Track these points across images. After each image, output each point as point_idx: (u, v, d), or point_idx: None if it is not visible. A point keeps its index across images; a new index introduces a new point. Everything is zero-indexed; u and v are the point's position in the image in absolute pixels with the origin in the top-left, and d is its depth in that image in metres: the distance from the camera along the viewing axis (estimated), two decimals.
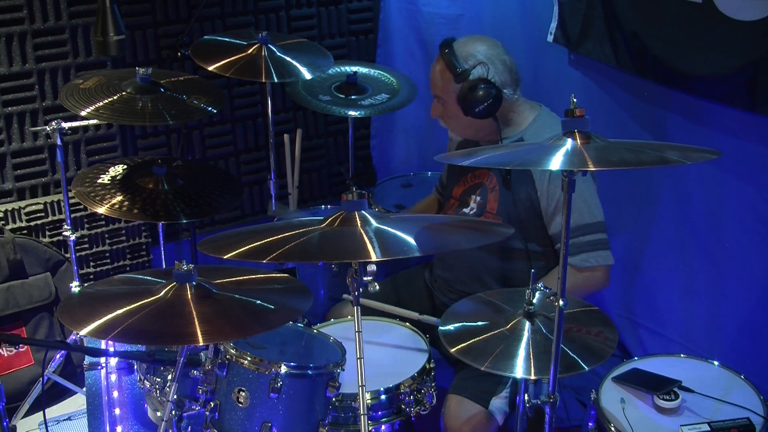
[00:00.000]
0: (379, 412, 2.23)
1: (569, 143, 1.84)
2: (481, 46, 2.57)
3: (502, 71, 2.55)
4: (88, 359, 2.79)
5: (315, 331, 2.38)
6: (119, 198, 2.65)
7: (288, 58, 3.08)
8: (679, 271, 2.99)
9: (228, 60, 3.00)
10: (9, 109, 3.30)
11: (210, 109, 2.76)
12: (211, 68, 2.97)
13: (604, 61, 2.97)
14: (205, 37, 3.25)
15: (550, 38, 3.18)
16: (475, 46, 2.57)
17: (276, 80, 2.99)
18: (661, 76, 2.78)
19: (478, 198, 2.67)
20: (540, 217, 2.54)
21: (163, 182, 2.73)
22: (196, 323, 1.81)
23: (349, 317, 2.59)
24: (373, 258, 1.77)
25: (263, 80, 2.97)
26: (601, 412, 2.17)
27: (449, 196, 2.81)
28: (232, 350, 2.03)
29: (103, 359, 2.75)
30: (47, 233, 3.42)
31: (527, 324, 2.10)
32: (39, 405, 3.08)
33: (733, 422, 2.07)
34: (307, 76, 3.08)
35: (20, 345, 3.22)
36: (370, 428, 2.18)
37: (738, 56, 2.46)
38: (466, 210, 2.70)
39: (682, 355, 2.41)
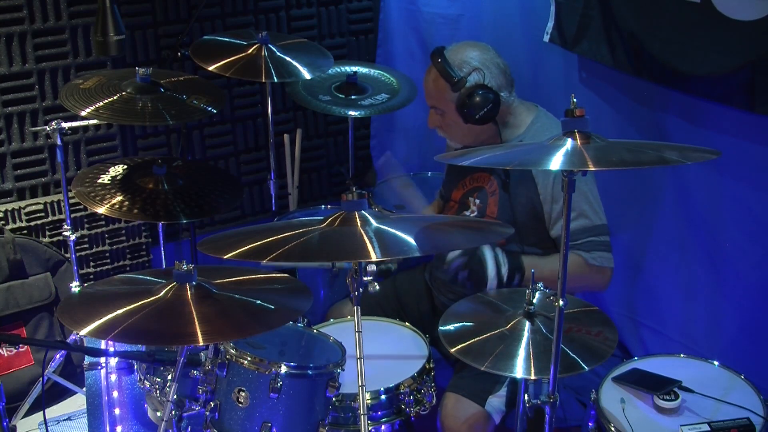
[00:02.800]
0: (379, 412, 2.23)
1: (569, 143, 1.84)
2: (473, 51, 2.56)
3: (497, 75, 2.55)
4: (88, 359, 2.79)
5: (315, 331, 2.38)
6: (119, 198, 2.65)
7: (288, 58, 3.09)
8: (680, 271, 2.99)
9: (228, 60, 3.00)
10: (9, 109, 3.30)
11: (210, 109, 2.76)
12: (211, 68, 2.98)
13: (600, 61, 2.97)
14: (205, 37, 3.25)
15: (546, 38, 3.18)
16: (467, 52, 2.56)
17: (276, 80, 2.99)
18: (659, 76, 2.78)
19: (478, 201, 2.67)
20: (541, 221, 2.54)
21: (163, 182, 2.73)
22: (196, 323, 1.81)
23: (349, 317, 2.59)
24: (373, 258, 1.77)
25: (263, 80, 2.98)
26: (601, 412, 2.17)
27: (448, 198, 2.80)
28: (232, 350, 2.03)
29: (103, 359, 2.75)
30: (47, 233, 3.42)
31: (527, 324, 2.11)
32: (39, 405, 3.08)
33: (733, 422, 2.07)
34: (307, 76, 3.08)
35: (20, 345, 3.23)
36: (370, 428, 2.18)
37: (736, 56, 2.46)
38: (467, 213, 2.69)
39: (682, 355, 2.41)
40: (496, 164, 2.36)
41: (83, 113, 2.58)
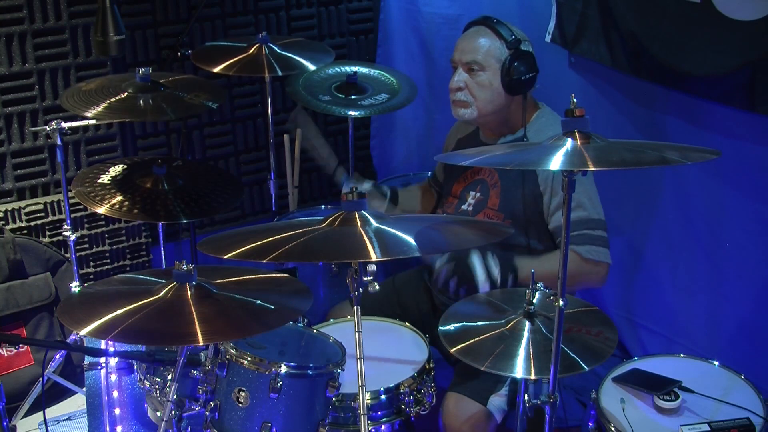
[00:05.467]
0: (379, 412, 2.23)
1: (569, 143, 1.84)
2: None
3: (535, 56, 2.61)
4: (88, 359, 2.79)
5: (315, 331, 2.38)
6: (119, 198, 2.65)
7: (289, 54, 3.10)
8: (679, 271, 2.99)
9: (230, 61, 3.01)
10: (9, 109, 3.30)
11: (210, 104, 2.76)
12: (215, 70, 2.99)
13: (599, 61, 2.97)
14: (207, 44, 3.27)
15: (548, 38, 3.18)
16: (516, 28, 2.64)
17: (280, 73, 3.01)
18: (658, 76, 2.78)
19: (478, 194, 2.67)
20: (542, 213, 2.55)
21: (163, 182, 2.73)
22: (196, 323, 1.81)
23: (349, 317, 2.59)
24: (373, 258, 1.77)
25: (266, 75, 2.99)
26: (601, 412, 2.17)
27: (449, 192, 2.80)
28: (232, 350, 2.03)
29: (103, 359, 2.75)
30: (47, 233, 3.42)
31: (527, 324, 2.11)
32: (39, 405, 3.08)
33: (733, 422, 2.07)
34: (311, 67, 3.09)
35: (20, 345, 3.23)
36: (370, 428, 2.17)
37: (736, 56, 2.46)
38: (464, 207, 2.69)
39: (682, 355, 2.41)
40: (496, 164, 2.36)
41: (83, 113, 2.58)
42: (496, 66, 2.57)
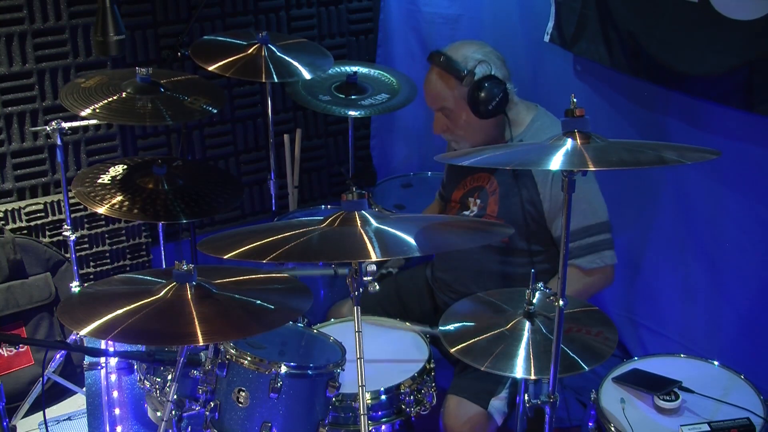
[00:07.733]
0: (379, 412, 2.23)
1: (569, 143, 1.84)
2: (473, 46, 2.58)
3: (500, 66, 2.56)
4: (88, 359, 2.79)
5: (315, 331, 2.38)
6: (119, 198, 2.65)
7: (288, 58, 3.09)
8: (679, 271, 2.99)
9: (228, 60, 3.00)
10: (9, 109, 3.30)
11: (210, 109, 2.76)
12: (211, 68, 2.98)
13: (598, 61, 2.97)
14: (205, 37, 3.25)
15: (546, 38, 3.18)
16: (467, 48, 2.57)
17: (276, 80, 2.99)
18: (656, 76, 2.78)
19: (479, 201, 2.67)
20: (542, 218, 2.54)
21: (163, 182, 2.73)
22: (196, 323, 1.81)
23: (349, 317, 2.59)
24: (373, 258, 1.77)
25: (263, 80, 2.98)
26: (601, 412, 2.17)
27: (449, 199, 2.80)
28: (232, 350, 2.03)
29: (103, 359, 2.76)
30: (47, 233, 3.42)
31: (527, 324, 2.11)
32: (39, 405, 3.08)
33: (733, 422, 2.07)
34: (307, 76, 3.08)
35: (20, 345, 3.23)
36: (370, 428, 2.17)
37: (734, 56, 2.46)
38: (467, 213, 2.69)
39: (682, 355, 2.41)
40: (496, 164, 2.36)
41: (83, 113, 2.58)
42: (463, 103, 2.55)
